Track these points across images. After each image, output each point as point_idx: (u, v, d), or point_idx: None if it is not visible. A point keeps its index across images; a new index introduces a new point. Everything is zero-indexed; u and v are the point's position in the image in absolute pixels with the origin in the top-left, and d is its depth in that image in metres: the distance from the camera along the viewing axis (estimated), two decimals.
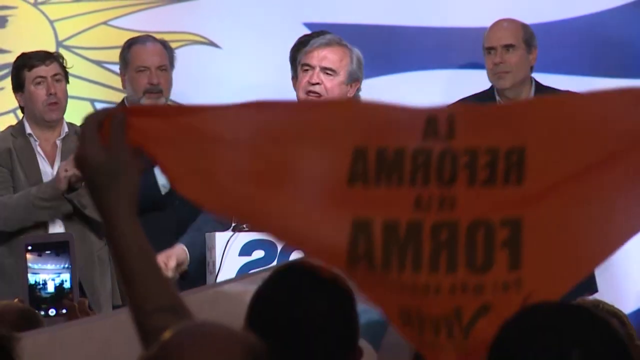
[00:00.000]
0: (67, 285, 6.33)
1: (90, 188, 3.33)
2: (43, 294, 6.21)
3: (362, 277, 3.40)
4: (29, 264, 6.34)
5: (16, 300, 6.25)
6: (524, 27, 8.81)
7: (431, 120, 3.37)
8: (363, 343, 3.60)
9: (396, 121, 3.47)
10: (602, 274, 8.63)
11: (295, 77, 8.04)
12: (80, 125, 3.39)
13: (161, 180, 8.36)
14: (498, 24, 8.81)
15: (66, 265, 6.43)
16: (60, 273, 6.42)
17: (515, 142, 3.37)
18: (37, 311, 5.69)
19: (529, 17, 9.27)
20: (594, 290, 8.43)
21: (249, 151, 3.41)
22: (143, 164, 3.34)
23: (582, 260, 3.45)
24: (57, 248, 6.68)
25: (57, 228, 8.37)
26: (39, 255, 6.48)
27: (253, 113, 3.48)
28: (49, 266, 6.31)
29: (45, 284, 6.37)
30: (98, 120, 3.30)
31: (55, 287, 6.25)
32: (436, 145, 3.36)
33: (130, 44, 8.90)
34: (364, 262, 3.38)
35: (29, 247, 6.39)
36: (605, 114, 3.51)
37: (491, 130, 3.43)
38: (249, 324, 3.54)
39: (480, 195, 3.37)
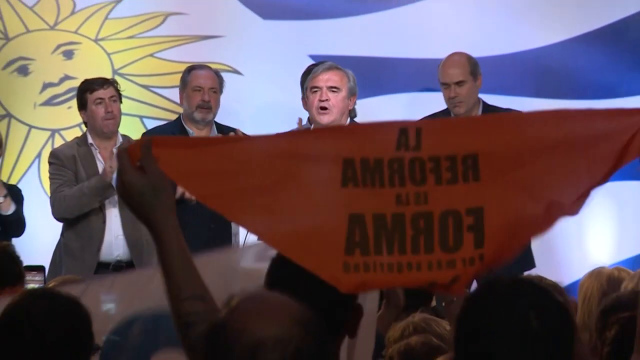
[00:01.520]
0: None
1: (136, 207, 3.25)
2: None
3: (355, 262, 3.37)
4: None
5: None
6: (469, 60, 8.68)
7: (402, 135, 3.40)
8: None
9: (373, 136, 3.50)
10: (539, 252, 8.59)
11: (304, 99, 8.07)
12: (118, 151, 3.32)
13: None
14: (449, 61, 8.69)
15: None
16: None
17: (468, 150, 3.40)
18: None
19: (485, 51, 9.32)
20: (533, 265, 8.41)
21: (259, 170, 3.40)
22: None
23: (527, 233, 3.46)
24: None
25: (113, 217, 8.47)
26: None
27: (261, 142, 3.53)
28: None
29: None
30: (127, 151, 3.28)
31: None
32: (406, 155, 3.39)
33: (190, 69, 8.84)
34: (358, 249, 3.36)
35: None
36: (538, 125, 3.55)
37: (449, 141, 3.45)
38: (268, 285, 3.47)
39: (447, 191, 3.39)
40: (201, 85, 8.77)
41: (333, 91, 7.92)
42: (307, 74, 8.33)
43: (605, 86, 9.75)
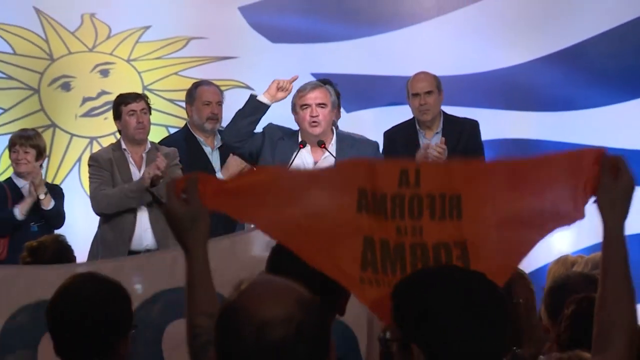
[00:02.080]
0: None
1: (175, 231, 3.23)
2: None
3: (368, 278, 3.34)
4: None
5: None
6: (435, 77, 8.61)
7: (402, 174, 3.40)
8: None
9: (379, 173, 3.45)
10: None
11: (294, 113, 7.93)
12: (167, 184, 3.32)
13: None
14: (419, 75, 8.65)
15: None
16: None
17: (454, 190, 3.39)
18: None
19: (461, 70, 9.40)
20: None
21: (290, 197, 3.40)
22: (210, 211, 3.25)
23: (505, 264, 3.38)
24: None
25: (143, 213, 8.37)
26: None
27: (291, 175, 3.61)
28: None
29: None
30: (174, 183, 3.28)
31: None
32: (407, 191, 3.38)
33: (197, 85, 8.88)
34: (370, 267, 3.34)
35: None
36: (508, 171, 3.49)
37: (441, 181, 3.43)
38: (269, 270, 3.57)
39: (438, 226, 3.37)
40: (210, 99, 8.80)
41: (321, 107, 7.79)
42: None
43: (564, 100, 9.76)
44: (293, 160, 7.72)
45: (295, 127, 8.05)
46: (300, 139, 7.88)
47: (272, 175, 3.57)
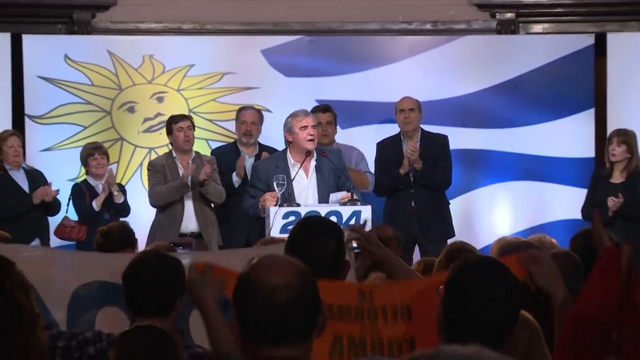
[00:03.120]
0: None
1: (193, 292, 3.37)
2: None
3: None
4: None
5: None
6: (417, 100, 8.65)
7: (360, 293, 3.49)
8: None
9: (343, 291, 3.52)
10: (457, 225, 8.65)
11: (290, 133, 7.64)
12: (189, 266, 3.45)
13: (235, 179, 8.53)
14: (404, 98, 8.67)
15: None
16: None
17: (403, 301, 3.45)
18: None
19: (431, 96, 9.32)
20: (453, 234, 8.33)
21: None
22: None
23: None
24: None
25: (189, 205, 8.39)
26: None
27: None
28: None
29: None
30: (196, 266, 3.42)
31: None
32: (365, 305, 3.44)
33: (240, 110, 8.90)
34: (338, 355, 3.36)
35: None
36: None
37: (392, 296, 3.49)
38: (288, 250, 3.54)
39: (391, 327, 3.41)
40: (245, 119, 8.81)
41: (314, 127, 7.63)
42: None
43: (506, 119, 9.71)
44: (297, 173, 7.60)
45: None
46: (289, 153, 7.66)
47: None
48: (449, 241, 6.18)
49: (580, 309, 2.91)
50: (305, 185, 7.61)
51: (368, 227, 4.86)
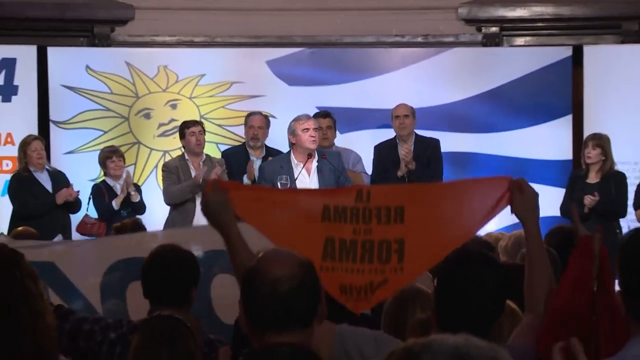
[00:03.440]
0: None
1: (211, 216, 3.19)
2: None
3: (327, 266, 3.30)
4: None
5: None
6: (411, 107, 8.62)
7: (358, 194, 3.39)
8: None
9: (341, 194, 3.50)
10: None
11: (292, 135, 7.82)
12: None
13: (245, 180, 8.38)
14: (400, 105, 8.65)
15: None
16: None
17: (398, 203, 3.36)
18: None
19: (422, 103, 9.22)
20: None
21: (281, 207, 3.40)
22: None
23: (432, 257, 3.33)
24: None
25: (199, 201, 8.02)
26: None
27: (284, 193, 3.60)
28: None
29: None
30: (209, 185, 3.30)
31: None
32: (360, 205, 3.36)
33: (248, 115, 8.85)
34: (329, 258, 3.32)
35: None
36: (440, 191, 3.58)
37: (387, 198, 3.41)
38: None
39: (383, 228, 3.33)
40: (253, 124, 8.77)
41: (315, 130, 7.75)
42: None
43: (490, 125, 9.69)
44: (300, 172, 7.67)
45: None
46: (292, 154, 7.79)
47: (267, 191, 3.63)
48: None
49: (559, 295, 2.92)
50: (307, 183, 7.68)
51: None
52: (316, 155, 7.77)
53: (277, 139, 8.82)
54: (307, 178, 7.72)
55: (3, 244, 3.37)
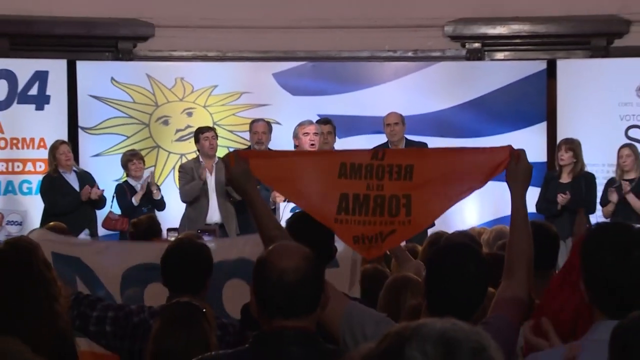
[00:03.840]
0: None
1: (237, 185, 3.19)
2: None
3: (341, 218, 3.29)
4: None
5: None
6: (401, 115, 8.66)
7: (374, 153, 3.37)
8: None
9: (358, 153, 3.47)
10: None
11: (295, 138, 7.98)
12: (223, 158, 3.28)
13: None
14: (390, 114, 8.69)
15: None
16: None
17: (409, 162, 3.31)
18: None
19: (412, 111, 9.26)
20: (433, 225, 8.16)
21: (299, 168, 3.37)
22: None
23: (437, 210, 3.35)
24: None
25: (213, 201, 8.38)
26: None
27: (301, 155, 3.53)
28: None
29: None
30: (230, 157, 3.26)
31: None
32: (375, 162, 3.30)
33: (252, 122, 8.86)
34: (343, 212, 3.28)
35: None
36: (444, 154, 3.52)
37: (400, 157, 3.39)
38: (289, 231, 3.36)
39: (394, 184, 3.28)
40: (257, 130, 8.76)
41: (315, 134, 7.81)
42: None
43: (473, 130, 9.65)
44: None
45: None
46: None
47: (285, 156, 3.54)
48: (430, 230, 6.14)
49: (549, 292, 2.87)
50: None
51: None
52: None
53: (282, 143, 8.79)
54: None
55: (21, 236, 3.41)
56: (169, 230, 7.18)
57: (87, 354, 3.81)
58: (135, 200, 8.64)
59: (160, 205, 8.71)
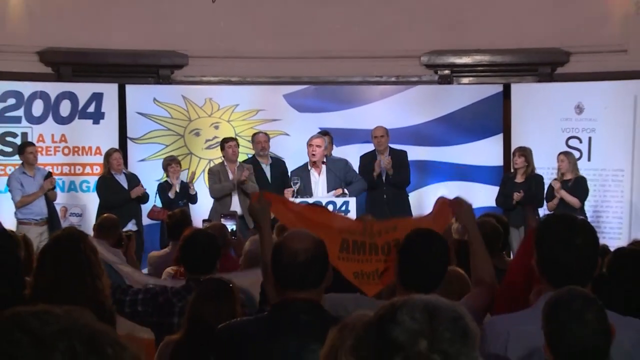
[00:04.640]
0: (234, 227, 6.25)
1: (254, 216, 3.10)
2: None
3: (343, 257, 3.21)
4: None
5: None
6: (385, 128, 8.58)
7: (363, 227, 3.28)
8: None
9: (353, 225, 3.34)
10: (416, 213, 8.45)
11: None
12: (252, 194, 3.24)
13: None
14: (377, 128, 8.60)
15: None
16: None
17: (392, 224, 3.25)
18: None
19: (396, 125, 9.19)
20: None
21: (307, 218, 3.26)
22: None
23: None
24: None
25: (235, 197, 8.25)
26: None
27: (311, 211, 3.33)
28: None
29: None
30: (256, 195, 3.18)
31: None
32: (367, 233, 3.25)
33: (254, 134, 8.82)
34: (345, 251, 3.21)
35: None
36: (417, 220, 3.41)
37: (387, 230, 3.26)
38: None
39: (383, 237, 3.21)
40: (259, 140, 8.71)
41: (318, 146, 7.75)
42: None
43: (445, 140, 9.64)
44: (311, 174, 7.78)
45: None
46: (309, 164, 7.90)
47: (300, 207, 3.42)
48: None
49: (507, 275, 2.88)
50: (317, 181, 7.88)
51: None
52: (326, 160, 8.00)
53: (289, 152, 8.84)
54: (317, 177, 7.91)
55: (72, 226, 3.42)
56: (204, 221, 7.13)
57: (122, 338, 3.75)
58: (171, 194, 8.66)
59: (193, 199, 8.73)
